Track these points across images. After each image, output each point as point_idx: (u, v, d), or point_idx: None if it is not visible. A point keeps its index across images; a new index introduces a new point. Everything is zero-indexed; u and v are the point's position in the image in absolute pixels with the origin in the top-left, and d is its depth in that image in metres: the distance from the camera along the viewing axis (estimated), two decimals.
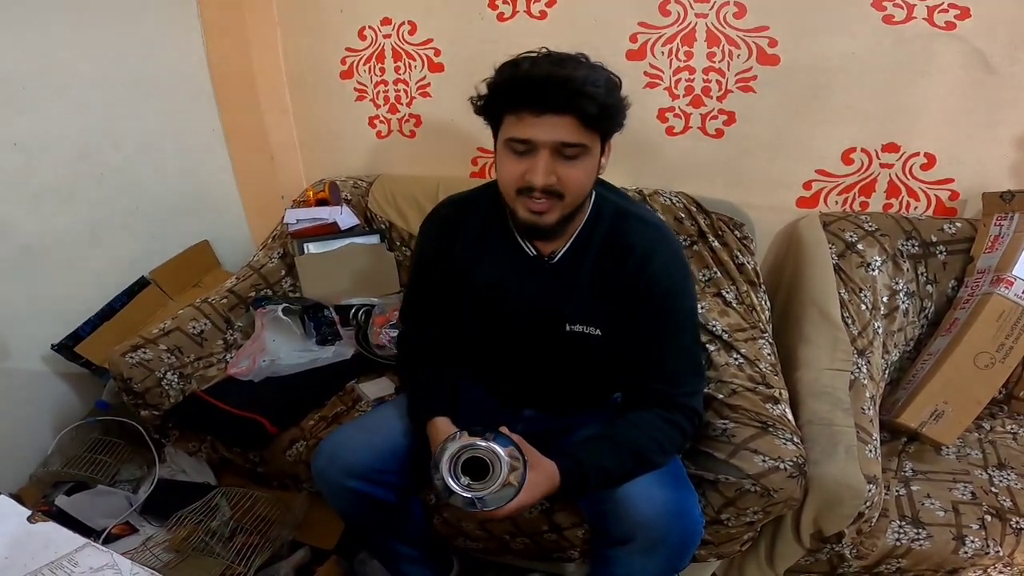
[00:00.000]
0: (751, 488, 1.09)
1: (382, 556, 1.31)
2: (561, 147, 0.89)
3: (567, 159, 0.90)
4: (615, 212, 1.05)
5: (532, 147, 0.90)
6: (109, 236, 1.73)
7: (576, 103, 0.86)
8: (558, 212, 0.95)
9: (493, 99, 0.93)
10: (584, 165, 0.92)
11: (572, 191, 0.93)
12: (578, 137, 0.88)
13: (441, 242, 1.12)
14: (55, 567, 0.68)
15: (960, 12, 1.37)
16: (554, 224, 0.97)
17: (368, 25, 1.84)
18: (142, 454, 1.62)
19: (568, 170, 0.91)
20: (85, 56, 1.59)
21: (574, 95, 0.85)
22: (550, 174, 0.90)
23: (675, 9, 1.54)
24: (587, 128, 0.88)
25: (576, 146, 0.89)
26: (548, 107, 0.86)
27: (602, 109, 0.87)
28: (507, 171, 0.94)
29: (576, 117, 0.87)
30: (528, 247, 1.06)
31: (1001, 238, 1.42)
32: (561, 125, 0.87)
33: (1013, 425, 1.43)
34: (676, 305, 1.02)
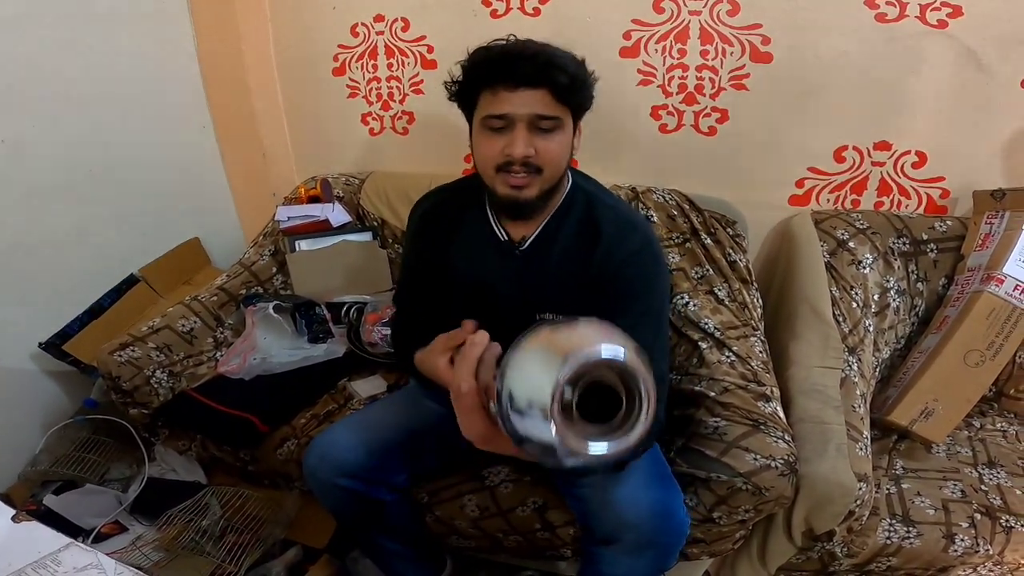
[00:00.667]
0: (742, 486, 1.09)
1: (374, 554, 1.30)
2: (537, 120, 0.92)
3: (543, 132, 0.93)
4: (587, 199, 1.06)
5: (509, 122, 0.92)
6: (98, 233, 1.71)
7: (548, 74, 0.90)
8: (537, 187, 0.97)
9: (469, 79, 0.96)
10: (559, 139, 0.95)
11: (550, 164, 0.95)
12: (552, 110, 0.92)
13: (423, 232, 1.14)
14: (38, 566, 0.67)
15: (952, 11, 1.37)
16: (534, 199, 0.98)
17: (361, 22, 1.83)
18: (131, 453, 1.60)
19: (545, 143, 0.94)
20: (74, 54, 1.57)
21: (546, 67, 0.90)
22: (529, 145, 0.93)
23: (669, 6, 1.54)
24: (559, 101, 0.92)
25: (551, 119, 0.92)
26: (522, 80, 0.90)
27: (573, 80, 0.91)
28: (485, 149, 0.96)
29: (549, 89, 0.91)
30: (500, 232, 1.07)
31: (992, 236, 1.42)
32: (536, 98, 0.91)
33: (1003, 423, 1.44)
34: (642, 292, 0.99)
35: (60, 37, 1.54)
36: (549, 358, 0.51)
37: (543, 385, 0.50)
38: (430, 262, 1.12)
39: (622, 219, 1.04)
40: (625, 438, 0.53)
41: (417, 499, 1.26)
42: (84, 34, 1.59)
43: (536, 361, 0.53)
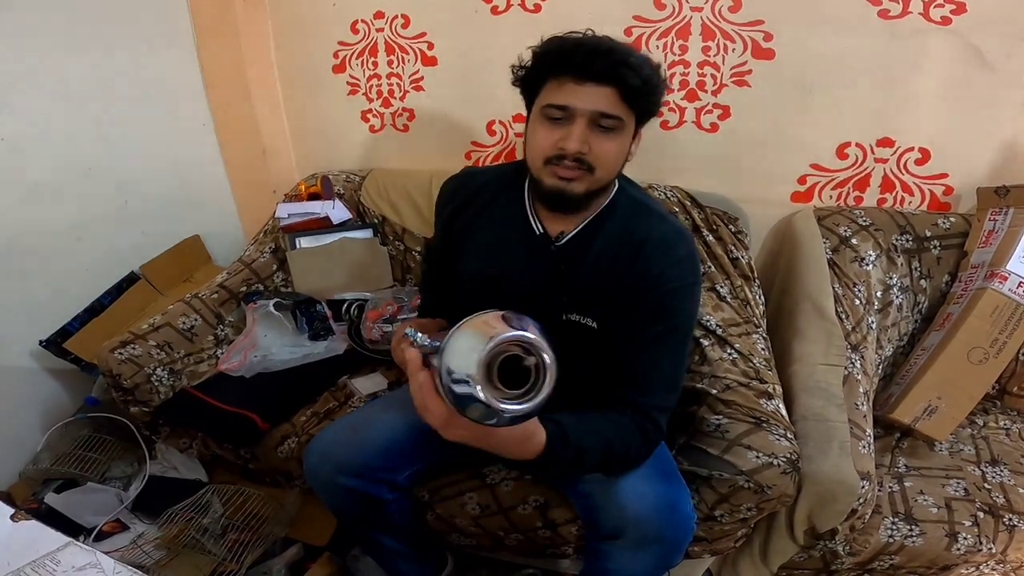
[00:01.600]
0: (745, 484, 1.08)
1: (375, 553, 1.30)
2: (599, 117, 0.90)
3: (603, 130, 0.91)
4: (632, 205, 1.03)
5: (569, 115, 0.90)
6: (98, 231, 1.71)
7: (620, 73, 0.87)
8: (586, 184, 0.94)
9: (538, 65, 0.94)
10: (617, 140, 0.93)
11: (603, 165, 0.93)
12: (617, 109, 0.90)
13: (447, 211, 1.12)
14: (37, 566, 0.67)
15: (956, 7, 1.36)
16: (581, 195, 0.95)
17: (361, 18, 1.82)
18: (132, 451, 1.60)
19: (602, 142, 0.92)
20: (74, 50, 1.57)
21: (618, 65, 0.87)
22: (584, 142, 0.91)
23: (670, 3, 1.53)
24: (626, 102, 0.90)
25: (613, 118, 0.90)
26: (592, 75, 0.88)
27: (645, 83, 0.89)
28: (540, 138, 0.94)
29: (618, 88, 0.88)
30: (537, 225, 1.03)
31: (995, 233, 1.42)
32: (602, 95, 0.89)
33: (1006, 421, 1.44)
34: (677, 307, 0.97)
35: (59, 35, 1.53)
36: (477, 338, 0.66)
37: (473, 359, 0.64)
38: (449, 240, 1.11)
39: (668, 229, 1.01)
40: (533, 401, 0.67)
41: (418, 497, 1.26)
42: (84, 32, 1.58)
43: (467, 341, 0.66)
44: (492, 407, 0.65)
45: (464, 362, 0.65)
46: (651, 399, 0.95)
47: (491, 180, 1.11)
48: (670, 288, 0.96)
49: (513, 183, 1.07)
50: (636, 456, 0.95)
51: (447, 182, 1.16)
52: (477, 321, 0.69)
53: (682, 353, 1.00)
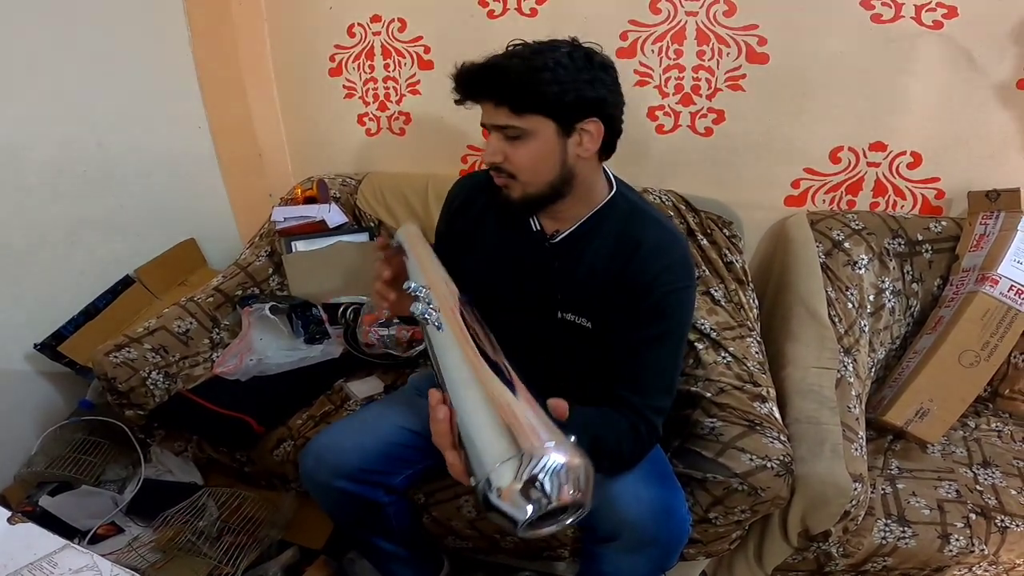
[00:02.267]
0: (739, 487, 1.09)
1: (371, 556, 1.30)
2: (500, 129, 0.94)
3: (510, 140, 0.95)
4: (629, 209, 1.04)
5: (488, 129, 0.97)
6: (93, 234, 1.71)
7: (492, 87, 0.92)
8: (518, 190, 0.98)
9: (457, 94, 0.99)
10: (529, 147, 0.94)
11: (521, 170, 0.96)
12: (510, 119, 0.92)
13: (450, 213, 1.17)
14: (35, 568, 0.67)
15: (947, 11, 1.38)
16: (517, 201, 0.99)
17: (357, 22, 1.83)
18: (127, 454, 1.60)
19: (513, 151, 0.95)
20: (69, 53, 1.57)
21: (489, 80, 0.92)
22: (495, 153, 0.96)
23: (665, 7, 1.54)
24: (514, 111, 0.92)
25: (511, 128, 0.93)
26: (474, 94, 0.95)
27: (521, 90, 0.90)
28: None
29: (496, 101, 0.93)
30: (534, 222, 1.05)
31: (986, 237, 1.43)
32: (492, 110, 0.94)
33: (998, 423, 1.45)
34: (672, 310, 0.97)
35: (55, 37, 1.53)
36: (509, 446, 0.53)
37: (502, 471, 0.51)
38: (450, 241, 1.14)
39: (664, 234, 1.01)
40: (554, 526, 0.55)
41: (414, 500, 1.26)
42: (79, 34, 1.58)
43: (494, 444, 0.54)
44: (510, 518, 0.52)
45: (488, 470, 0.52)
46: (647, 400, 0.95)
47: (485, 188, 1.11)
48: (665, 291, 0.96)
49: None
50: (630, 456, 0.94)
51: (449, 191, 1.21)
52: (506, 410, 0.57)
53: (677, 355, 1.00)
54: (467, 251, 1.11)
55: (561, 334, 1.04)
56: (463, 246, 1.12)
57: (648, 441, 0.95)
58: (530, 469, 0.50)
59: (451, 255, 1.10)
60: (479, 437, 0.56)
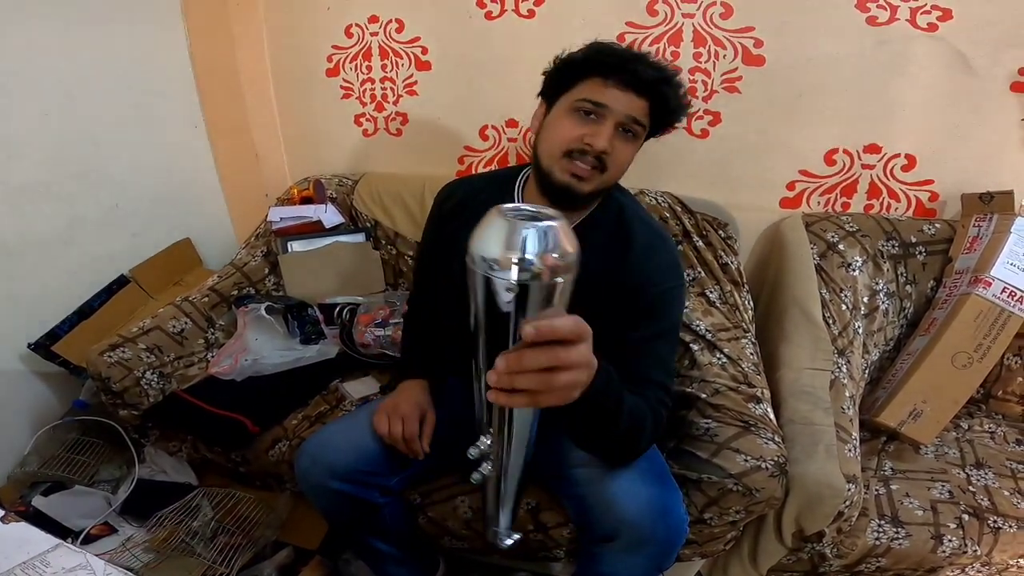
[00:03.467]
0: (733, 487, 1.09)
1: (367, 556, 1.30)
2: (628, 122, 0.95)
3: (624, 134, 0.96)
4: (620, 209, 1.07)
5: (601, 114, 0.95)
6: (88, 233, 1.70)
7: (660, 90, 0.95)
8: (595, 183, 0.98)
9: (585, 60, 0.97)
10: (633, 147, 0.99)
11: (617, 167, 0.99)
12: (645, 119, 0.96)
13: (441, 218, 1.16)
14: (27, 567, 0.67)
15: (942, 14, 1.39)
16: (588, 193, 0.99)
17: (355, 23, 1.83)
18: (121, 454, 1.59)
19: (621, 146, 0.97)
20: (65, 52, 1.56)
21: (661, 82, 0.94)
22: (608, 141, 0.95)
23: (662, 9, 1.55)
24: (652, 116, 0.96)
25: (639, 125, 0.96)
26: (636, 84, 0.93)
27: (676, 105, 0.97)
28: (565, 130, 0.97)
29: (651, 102, 0.95)
30: None
31: (980, 239, 1.44)
32: (637, 104, 0.94)
33: (991, 424, 1.45)
34: (664, 312, 1.00)
35: (51, 35, 1.53)
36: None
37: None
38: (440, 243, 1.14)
39: (654, 233, 1.06)
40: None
41: (410, 500, 1.26)
42: (75, 32, 1.58)
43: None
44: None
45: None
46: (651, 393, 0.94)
47: (484, 184, 1.13)
48: (656, 292, 0.99)
49: (505, 186, 1.09)
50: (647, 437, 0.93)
51: (442, 189, 1.20)
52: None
53: (672, 352, 1.03)
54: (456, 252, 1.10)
55: None
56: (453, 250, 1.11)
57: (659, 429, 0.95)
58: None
59: (440, 259, 1.11)
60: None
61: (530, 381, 0.57)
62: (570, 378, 0.60)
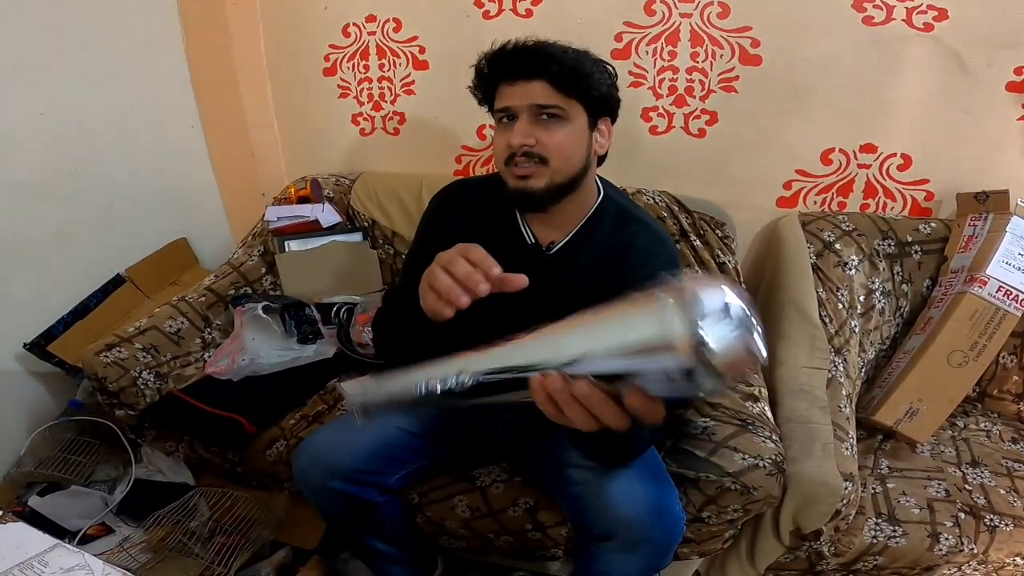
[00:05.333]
0: (731, 486, 1.10)
1: (365, 556, 1.30)
2: (537, 110, 0.94)
3: (546, 121, 0.95)
4: (618, 211, 1.06)
5: (512, 114, 0.96)
6: (84, 233, 1.69)
7: (543, 65, 0.93)
8: (545, 178, 0.97)
9: (479, 77, 1.01)
10: (565, 130, 0.96)
11: (555, 154, 0.96)
12: (551, 99, 0.94)
13: (439, 216, 1.14)
14: (25, 567, 0.67)
15: (938, 14, 1.39)
16: (543, 190, 0.97)
17: (352, 22, 1.82)
18: (118, 454, 1.58)
19: (547, 133, 0.95)
20: (59, 50, 1.56)
21: (541, 57, 0.94)
22: (528, 135, 0.95)
23: (660, 9, 1.55)
24: (559, 91, 0.94)
25: (550, 107, 0.94)
26: (519, 72, 0.95)
27: (571, 71, 0.93)
28: (498, 142, 0.99)
29: (546, 80, 0.93)
30: (528, 234, 1.06)
31: (975, 238, 1.44)
32: (533, 89, 0.94)
33: (987, 423, 1.46)
34: None
35: (47, 34, 1.52)
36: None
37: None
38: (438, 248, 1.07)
39: (653, 235, 1.05)
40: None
41: (408, 500, 1.26)
42: (71, 31, 1.57)
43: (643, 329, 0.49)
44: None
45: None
46: None
47: (481, 190, 1.12)
48: None
49: (498, 197, 1.07)
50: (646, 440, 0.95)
51: (436, 194, 1.18)
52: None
53: None
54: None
55: None
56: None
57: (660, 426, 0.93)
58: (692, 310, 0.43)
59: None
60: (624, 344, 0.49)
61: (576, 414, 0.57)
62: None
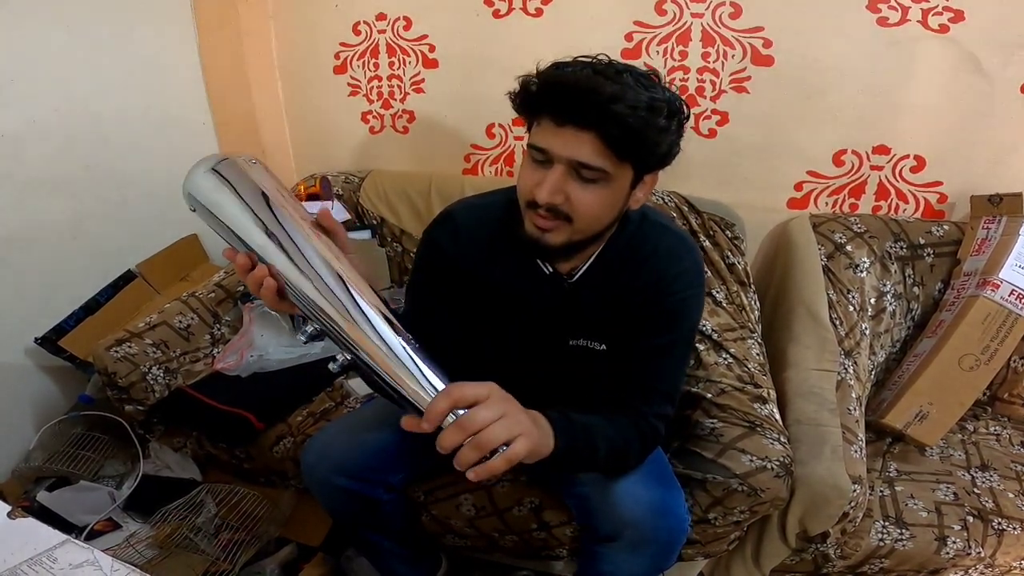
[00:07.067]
0: (738, 488, 1.09)
1: (369, 553, 1.30)
2: (578, 166, 0.80)
3: (583, 181, 0.82)
4: (639, 219, 0.98)
5: (548, 159, 0.82)
6: (95, 228, 1.70)
7: (598, 119, 0.77)
8: (564, 235, 0.87)
9: (521, 99, 0.85)
10: (601, 193, 0.83)
11: (582, 216, 0.84)
12: (598, 160, 0.79)
13: (450, 247, 1.01)
14: (34, 563, 0.67)
15: (954, 15, 1.38)
16: (558, 246, 0.88)
17: (363, 20, 1.83)
18: (126, 450, 1.59)
19: (581, 193, 0.82)
20: (74, 47, 1.57)
21: (597, 109, 0.77)
22: (557, 192, 0.82)
23: (671, 8, 1.54)
24: (612, 151, 0.79)
25: (594, 169, 0.80)
26: (568, 118, 0.79)
27: (629, 133, 0.78)
28: (522, 180, 0.87)
29: (598, 136, 0.78)
30: (545, 266, 0.98)
31: (988, 241, 1.43)
32: (581, 142, 0.79)
33: (996, 427, 1.45)
34: (682, 318, 0.95)
35: (60, 30, 1.53)
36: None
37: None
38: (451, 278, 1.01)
39: (673, 240, 0.98)
40: None
41: (413, 498, 1.26)
42: (84, 28, 1.58)
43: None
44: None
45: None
46: (652, 407, 0.93)
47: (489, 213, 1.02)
48: (676, 299, 0.94)
49: (510, 223, 0.96)
50: (635, 458, 0.94)
51: (444, 218, 1.04)
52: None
53: (683, 363, 0.99)
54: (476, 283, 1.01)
55: (571, 360, 1.01)
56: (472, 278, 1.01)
57: (650, 445, 0.95)
58: None
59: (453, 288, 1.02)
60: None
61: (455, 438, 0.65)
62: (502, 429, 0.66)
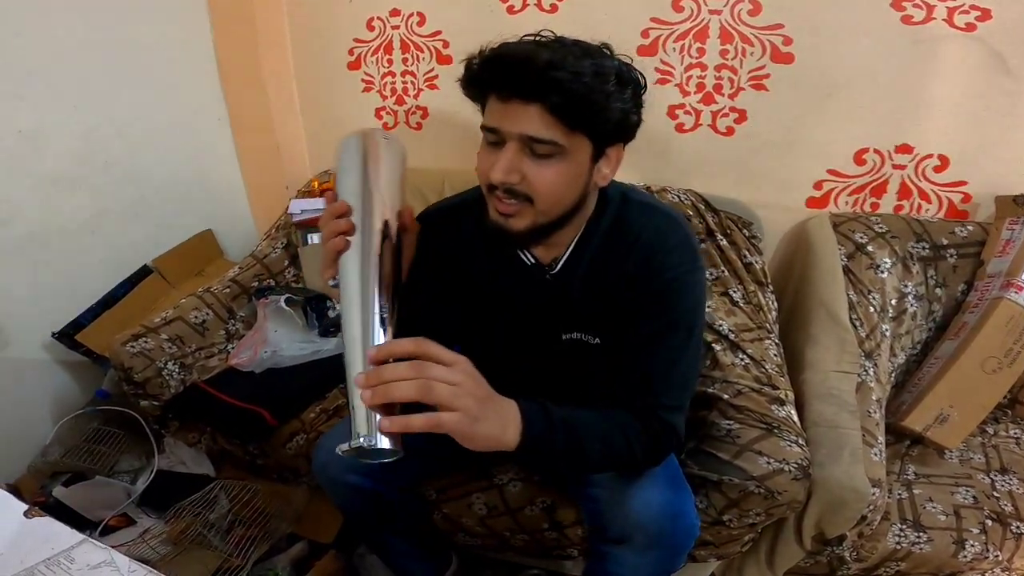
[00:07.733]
0: (755, 490, 1.08)
1: (380, 551, 1.30)
2: (529, 141, 0.77)
3: (537, 157, 0.78)
4: (618, 200, 0.93)
5: (500, 138, 0.79)
6: (112, 224, 1.72)
7: (539, 88, 0.74)
8: (528, 218, 0.82)
9: (466, 79, 0.82)
10: (558, 168, 0.79)
11: (542, 195, 0.80)
12: (548, 132, 0.76)
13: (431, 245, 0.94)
14: (52, 563, 0.66)
15: (981, 14, 1.35)
16: (523, 231, 0.84)
17: (377, 16, 1.82)
18: (141, 445, 1.61)
19: (537, 170, 0.78)
20: (92, 45, 1.58)
21: (536, 77, 0.73)
22: (512, 171, 0.78)
23: (688, 5, 1.52)
24: (560, 122, 0.75)
25: (545, 143, 0.76)
26: (512, 92, 0.75)
27: (573, 100, 0.74)
28: (479, 164, 0.83)
29: (544, 107, 0.74)
30: (526, 256, 0.95)
31: (1012, 242, 1.40)
32: (528, 115, 0.76)
33: (1017, 430, 1.42)
34: (674, 301, 0.88)
35: (78, 28, 1.54)
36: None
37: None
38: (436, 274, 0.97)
39: (659, 218, 0.92)
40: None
41: (425, 497, 1.26)
42: (102, 25, 1.59)
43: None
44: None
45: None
46: (658, 399, 0.87)
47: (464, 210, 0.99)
48: (666, 279, 0.88)
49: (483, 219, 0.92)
50: (645, 456, 0.88)
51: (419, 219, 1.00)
52: None
53: (687, 347, 0.90)
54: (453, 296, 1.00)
55: (566, 355, 0.99)
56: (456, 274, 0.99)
57: (665, 441, 0.89)
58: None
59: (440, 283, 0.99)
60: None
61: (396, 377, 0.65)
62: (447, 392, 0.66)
